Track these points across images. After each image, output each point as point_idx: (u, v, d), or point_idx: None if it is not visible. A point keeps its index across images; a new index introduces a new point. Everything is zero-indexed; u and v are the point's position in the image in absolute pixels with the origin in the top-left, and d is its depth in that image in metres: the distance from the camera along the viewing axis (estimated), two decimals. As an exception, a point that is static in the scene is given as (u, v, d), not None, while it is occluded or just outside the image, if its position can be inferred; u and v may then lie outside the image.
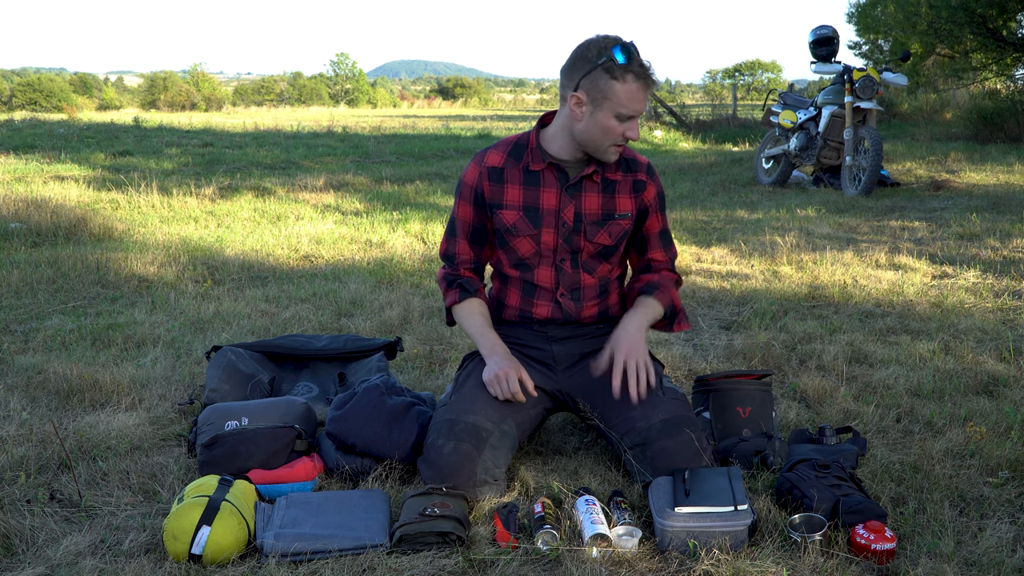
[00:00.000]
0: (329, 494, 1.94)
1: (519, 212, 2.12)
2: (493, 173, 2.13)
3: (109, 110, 34.06)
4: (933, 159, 9.56)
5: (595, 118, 1.99)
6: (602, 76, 1.95)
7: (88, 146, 12.15)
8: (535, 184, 2.12)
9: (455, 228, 2.21)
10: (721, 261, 4.66)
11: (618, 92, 1.95)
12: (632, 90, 1.95)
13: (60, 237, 5.23)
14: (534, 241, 2.12)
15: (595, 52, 1.96)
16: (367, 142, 13.75)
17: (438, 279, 2.27)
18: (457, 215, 2.20)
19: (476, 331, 2.17)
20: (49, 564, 1.70)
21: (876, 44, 18.05)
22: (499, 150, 2.16)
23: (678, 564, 1.70)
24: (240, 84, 64.45)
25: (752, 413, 2.25)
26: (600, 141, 2.03)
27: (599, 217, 2.13)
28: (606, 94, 1.96)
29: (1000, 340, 3.11)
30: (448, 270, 2.23)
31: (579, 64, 1.98)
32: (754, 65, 58.01)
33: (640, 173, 2.18)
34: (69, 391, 2.63)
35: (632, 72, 1.94)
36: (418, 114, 33.28)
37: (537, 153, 2.11)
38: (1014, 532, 1.81)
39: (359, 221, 6.06)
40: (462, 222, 2.19)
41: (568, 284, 2.17)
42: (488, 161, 2.14)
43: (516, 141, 2.17)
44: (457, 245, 2.21)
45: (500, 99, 63.80)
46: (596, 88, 1.96)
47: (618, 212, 2.14)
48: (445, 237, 2.24)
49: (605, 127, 1.99)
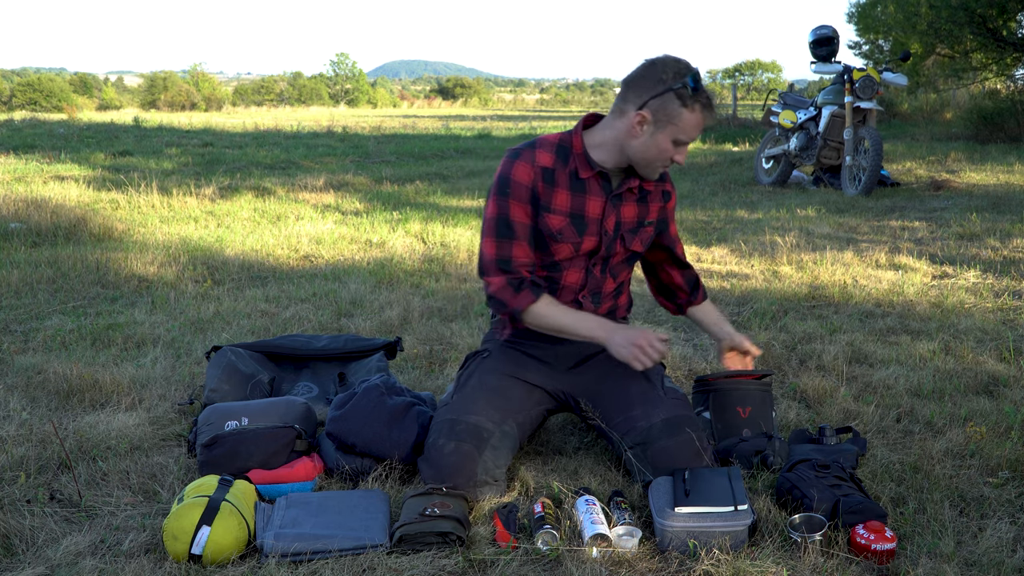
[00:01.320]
0: (329, 494, 1.94)
1: (566, 219, 2.08)
2: (546, 174, 2.06)
3: (109, 110, 34.05)
4: (933, 159, 9.56)
5: (655, 139, 1.99)
6: (673, 101, 1.94)
7: (88, 146, 12.15)
8: (582, 191, 2.08)
9: (511, 230, 2.05)
10: (721, 261, 4.66)
11: (685, 119, 1.95)
12: (698, 120, 1.97)
13: (60, 237, 5.23)
14: (575, 247, 2.10)
15: (671, 75, 1.94)
16: (367, 142, 13.75)
17: (494, 290, 2.07)
18: (512, 216, 2.05)
19: (572, 318, 2.07)
20: (49, 564, 1.70)
21: (876, 44, 18.05)
22: (546, 150, 2.08)
23: (678, 564, 1.70)
24: (240, 84, 64.45)
25: (752, 413, 2.25)
26: (652, 160, 2.03)
27: (635, 225, 2.16)
28: (672, 119, 1.95)
29: (1000, 340, 3.11)
30: (509, 275, 2.06)
31: (651, 83, 1.96)
32: (754, 65, 58.01)
33: (667, 183, 2.24)
34: (69, 391, 2.63)
35: (700, 102, 1.95)
36: (418, 114, 33.30)
37: (584, 160, 2.07)
38: (1014, 532, 1.81)
39: (359, 221, 6.06)
40: (520, 224, 2.05)
41: (593, 287, 2.17)
42: (540, 161, 2.06)
43: (559, 142, 2.10)
44: (515, 248, 2.06)
45: (500, 99, 63.82)
46: (664, 111, 1.95)
47: (648, 219, 2.20)
48: (495, 241, 2.06)
49: (662, 148, 2.00)
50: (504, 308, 2.08)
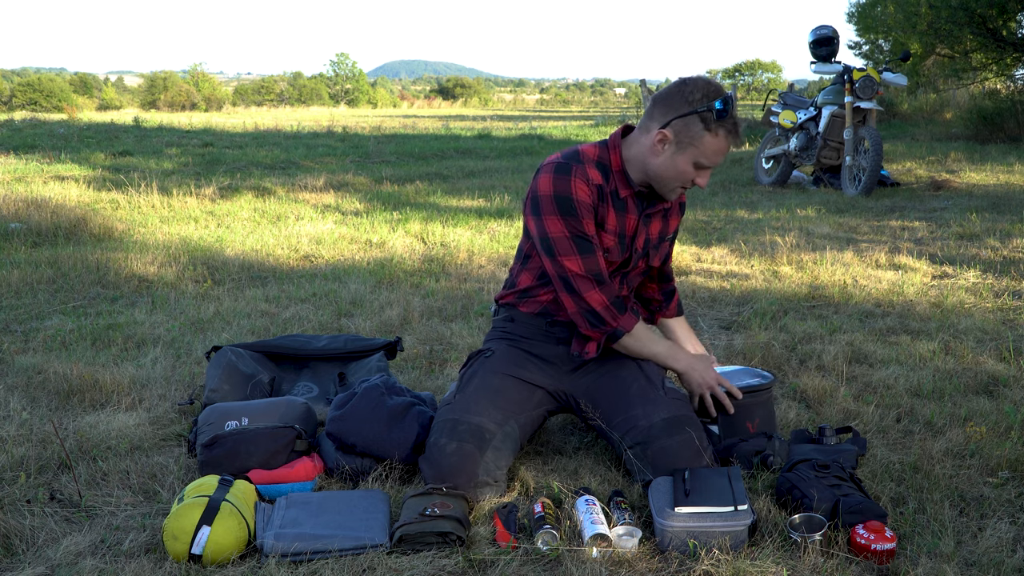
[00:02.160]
0: (329, 494, 1.94)
1: (615, 238, 2.08)
2: (599, 192, 2.04)
3: (109, 110, 34.06)
4: (933, 159, 9.56)
5: (675, 160, 1.97)
6: (696, 123, 1.92)
7: (88, 146, 12.15)
8: (623, 210, 2.08)
9: (590, 243, 2.02)
10: (721, 261, 4.66)
11: (707, 143, 1.93)
12: (721, 145, 1.94)
13: (60, 237, 5.23)
14: (611, 264, 2.11)
15: (698, 97, 1.92)
16: (367, 142, 13.75)
17: (600, 307, 2.05)
18: (586, 231, 2.01)
19: (667, 346, 2.18)
20: (49, 564, 1.70)
21: (876, 44, 18.04)
22: (592, 167, 2.04)
23: (678, 564, 1.70)
24: (240, 84, 64.45)
25: (760, 424, 2.21)
26: (670, 181, 2.01)
27: (658, 240, 2.18)
28: (694, 141, 1.94)
29: (1000, 340, 3.11)
30: (607, 292, 2.06)
31: (676, 103, 1.94)
32: (754, 65, 58.02)
33: (683, 196, 2.22)
34: (69, 391, 2.63)
35: (725, 128, 1.92)
36: (418, 114, 33.30)
37: (622, 178, 2.06)
38: (1014, 532, 1.81)
39: (359, 221, 6.06)
40: (595, 238, 2.04)
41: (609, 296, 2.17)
42: (593, 178, 2.03)
43: (598, 160, 2.06)
44: (600, 261, 2.04)
45: (500, 99, 63.84)
46: (687, 132, 1.94)
47: (669, 234, 2.22)
48: (579, 257, 2.02)
49: (681, 171, 1.98)
50: (603, 327, 2.08)
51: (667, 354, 2.16)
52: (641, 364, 2.19)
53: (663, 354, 2.16)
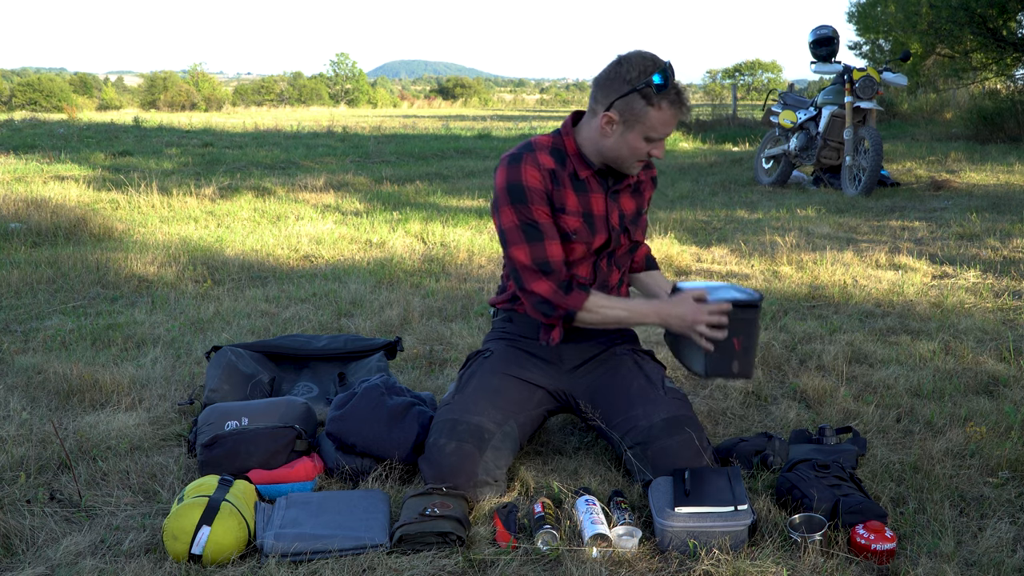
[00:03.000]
0: (329, 494, 1.94)
1: (580, 219, 2.08)
2: (552, 176, 2.05)
3: (109, 110, 34.06)
4: (933, 159, 9.56)
5: (625, 138, 1.99)
6: (638, 100, 1.94)
7: (88, 146, 12.15)
8: (585, 190, 2.09)
9: (540, 231, 2.03)
10: (721, 261, 4.66)
11: (652, 117, 1.95)
12: (666, 116, 1.96)
13: (60, 237, 5.23)
14: (588, 246, 2.11)
15: (635, 74, 1.93)
16: (367, 142, 13.75)
17: (547, 295, 2.04)
18: (536, 218, 2.03)
19: (627, 306, 2.08)
20: (49, 564, 1.70)
21: (876, 44, 18.06)
22: (544, 153, 2.06)
23: (678, 564, 1.70)
24: (240, 84, 64.46)
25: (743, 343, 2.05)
26: (626, 159, 2.04)
27: (634, 215, 2.19)
28: (639, 118, 1.95)
29: (1000, 340, 3.11)
30: (554, 278, 2.04)
31: (616, 84, 1.96)
32: (754, 65, 57.99)
33: (653, 169, 2.27)
34: (69, 391, 2.63)
35: (668, 99, 1.94)
36: (418, 114, 33.29)
37: (580, 160, 2.08)
38: (1014, 532, 1.81)
39: (359, 221, 6.06)
40: (547, 225, 2.04)
41: (601, 281, 2.17)
42: (544, 163, 2.05)
43: (552, 145, 2.09)
44: (548, 248, 2.03)
45: (500, 99, 63.85)
46: (630, 111, 1.95)
47: (644, 208, 2.23)
48: (527, 247, 2.03)
49: (633, 147, 2.00)
50: (556, 312, 2.06)
51: (633, 315, 2.09)
52: (640, 363, 2.19)
53: (627, 318, 2.09)
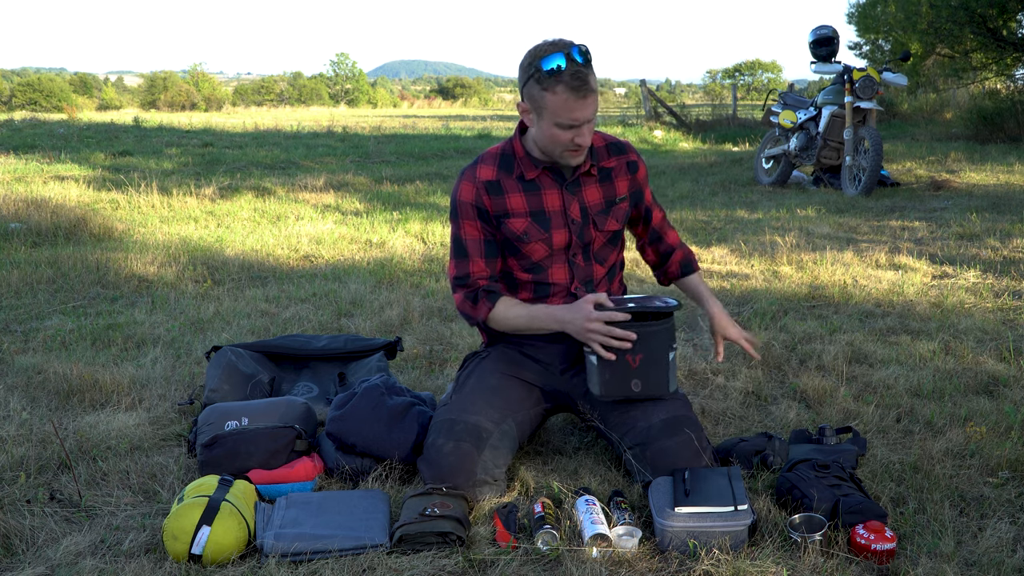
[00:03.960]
0: (329, 494, 1.94)
1: (527, 219, 2.09)
2: (490, 187, 2.10)
3: (109, 110, 34.06)
4: (933, 159, 9.55)
5: (541, 127, 1.99)
6: (534, 87, 1.94)
7: (88, 146, 12.15)
8: (535, 189, 2.11)
9: (464, 249, 2.12)
10: (721, 261, 4.66)
11: (550, 103, 1.93)
12: (562, 100, 1.91)
13: (60, 237, 5.23)
14: (546, 244, 2.11)
15: (528, 62, 1.95)
16: (367, 142, 13.75)
17: (459, 306, 2.15)
18: (463, 235, 2.12)
19: (528, 313, 2.08)
20: (49, 564, 1.70)
21: (876, 44, 18.05)
22: (487, 164, 2.12)
23: (678, 564, 1.70)
24: (240, 84, 64.47)
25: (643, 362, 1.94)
26: (552, 148, 2.03)
27: (603, 206, 2.16)
28: (541, 105, 1.95)
29: (1000, 340, 3.11)
30: (466, 291, 2.13)
31: (520, 73, 1.99)
32: (754, 65, 58.00)
33: (631, 154, 2.22)
34: (69, 391, 2.63)
35: (562, 82, 1.90)
36: (418, 114, 33.29)
37: (527, 161, 2.10)
38: (1014, 532, 1.81)
39: (359, 221, 6.06)
40: (472, 241, 2.11)
41: (583, 277, 2.17)
42: (481, 176, 2.10)
43: (501, 152, 2.14)
44: (471, 265, 2.12)
45: (500, 99, 63.83)
46: (532, 99, 1.97)
47: (618, 196, 2.19)
48: (454, 261, 2.15)
49: (550, 135, 1.99)
50: (471, 320, 2.16)
51: (533, 321, 2.08)
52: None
53: (528, 325, 2.09)
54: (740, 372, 2.83)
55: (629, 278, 4.11)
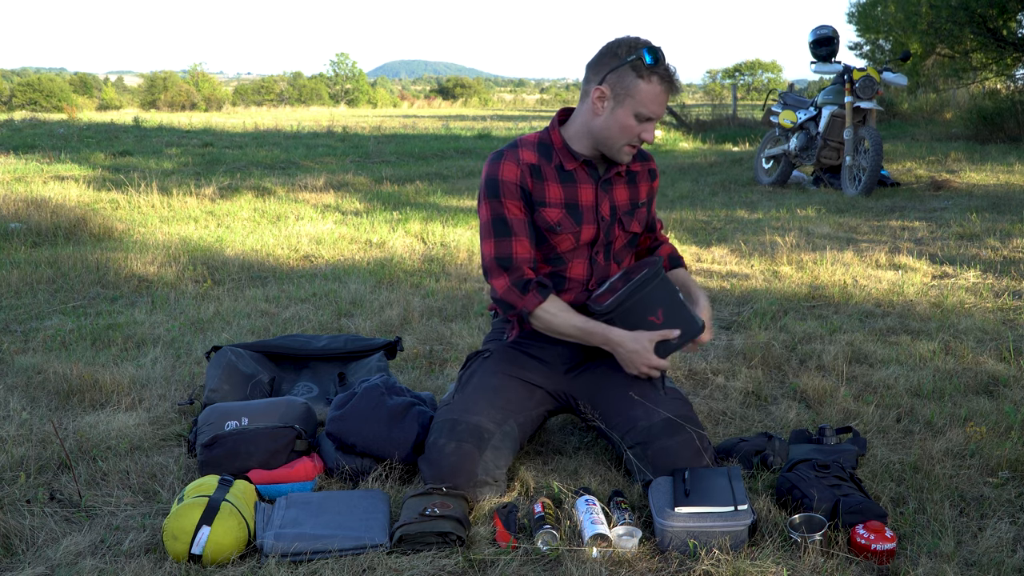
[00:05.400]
0: (329, 494, 1.94)
1: (562, 210, 2.10)
2: (533, 170, 2.08)
3: (109, 110, 34.06)
4: (933, 159, 9.55)
5: (615, 115, 2.01)
6: (628, 73, 1.97)
7: (88, 146, 12.15)
8: (572, 181, 2.11)
9: (509, 227, 2.06)
10: (721, 261, 4.66)
11: (642, 91, 1.97)
12: (656, 91, 1.98)
13: (60, 237, 5.23)
14: (575, 237, 2.12)
15: (625, 50, 1.98)
16: (367, 142, 13.75)
17: (501, 292, 2.07)
18: (508, 214, 2.06)
19: (583, 325, 2.05)
20: (49, 564, 1.70)
21: (876, 44, 18.05)
22: (528, 149, 2.11)
23: (678, 564, 1.70)
24: (240, 84, 64.48)
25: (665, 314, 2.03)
26: (616, 139, 2.04)
27: (629, 207, 2.19)
28: (630, 92, 1.98)
29: (1000, 340, 3.11)
30: (512, 276, 2.06)
31: (607, 60, 2.01)
32: (754, 65, 57.98)
33: (652, 162, 2.27)
34: (69, 391, 2.63)
35: (658, 74, 1.97)
36: (418, 114, 33.28)
37: (567, 152, 2.11)
38: (1014, 532, 1.81)
39: (359, 221, 6.06)
40: (517, 220, 2.07)
41: (600, 275, 2.18)
42: (525, 158, 2.09)
43: (539, 141, 2.13)
44: (515, 245, 2.06)
45: (500, 99, 63.79)
46: (621, 84, 1.98)
47: (640, 200, 2.23)
48: (493, 241, 2.07)
49: (624, 125, 2.01)
50: (512, 310, 2.09)
51: (583, 333, 2.07)
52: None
53: (576, 334, 2.08)
54: (740, 372, 2.83)
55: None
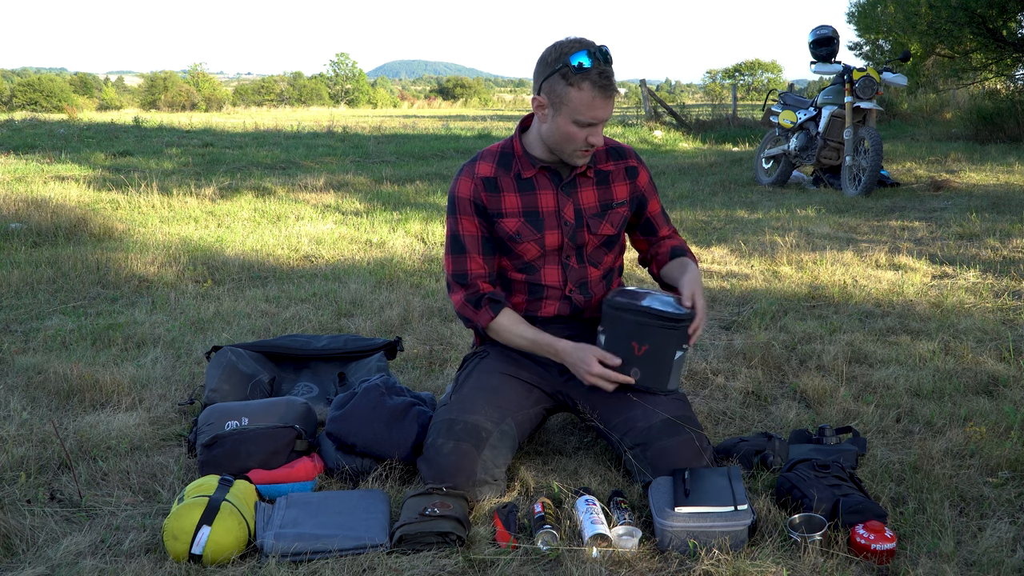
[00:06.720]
0: (329, 494, 1.94)
1: (520, 219, 2.10)
2: (487, 183, 2.11)
3: (109, 110, 34.06)
4: (933, 159, 9.55)
5: (556, 123, 1.99)
6: (559, 81, 1.93)
7: (88, 146, 12.14)
8: (530, 189, 2.11)
9: (462, 244, 2.12)
10: (721, 261, 4.66)
11: (574, 99, 1.93)
12: (587, 98, 1.92)
13: (60, 237, 5.23)
14: (539, 244, 2.12)
15: (555, 56, 1.94)
16: (367, 142, 13.74)
17: (457, 307, 2.14)
18: (461, 231, 2.12)
19: (533, 338, 2.09)
20: (49, 564, 1.70)
21: (876, 44, 18.04)
22: (487, 161, 2.14)
23: (678, 564, 1.70)
24: (240, 84, 64.49)
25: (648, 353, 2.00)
26: (563, 146, 2.03)
27: (598, 209, 2.16)
28: (563, 100, 1.94)
29: (1000, 340, 3.11)
30: (467, 292, 2.12)
31: (541, 67, 1.98)
32: (754, 65, 58.01)
33: (631, 159, 2.22)
34: (69, 391, 2.63)
35: (589, 79, 1.91)
36: (418, 114, 33.27)
37: (525, 160, 2.11)
38: (1014, 532, 1.81)
39: (359, 221, 6.06)
40: (470, 237, 2.12)
41: (576, 279, 2.17)
42: (480, 172, 2.11)
43: (500, 150, 2.15)
44: (469, 262, 2.12)
45: (500, 99, 63.75)
46: (555, 93, 1.95)
47: (615, 201, 2.18)
48: (451, 258, 2.14)
49: (565, 132, 1.99)
50: (469, 323, 2.16)
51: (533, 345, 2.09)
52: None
53: (526, 347, 2.11)
54: (740, 372, 2.83)
55: (629, 279, 4.11)
